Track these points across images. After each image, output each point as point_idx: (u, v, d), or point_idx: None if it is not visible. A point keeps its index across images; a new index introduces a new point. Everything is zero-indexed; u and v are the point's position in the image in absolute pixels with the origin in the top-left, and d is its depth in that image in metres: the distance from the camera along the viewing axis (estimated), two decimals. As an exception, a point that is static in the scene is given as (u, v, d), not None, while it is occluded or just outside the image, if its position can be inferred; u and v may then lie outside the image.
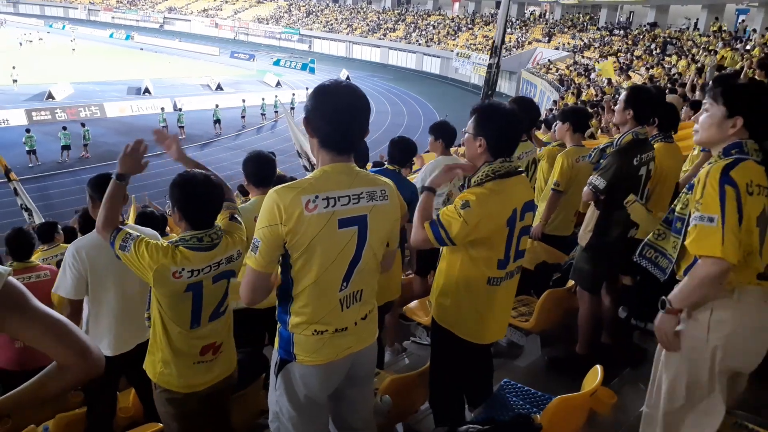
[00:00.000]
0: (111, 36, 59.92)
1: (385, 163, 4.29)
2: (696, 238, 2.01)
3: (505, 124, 2.48)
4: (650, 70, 22.06)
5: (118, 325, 3.02)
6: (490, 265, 2.50)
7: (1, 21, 64.44)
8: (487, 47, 37.42)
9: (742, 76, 9.39)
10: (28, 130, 19.30)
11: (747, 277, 2.06)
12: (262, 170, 3.39)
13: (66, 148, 19.64)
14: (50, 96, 28.58)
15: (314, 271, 1.94)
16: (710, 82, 3.14)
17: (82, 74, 35.72)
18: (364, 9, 59.54)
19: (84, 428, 3.19)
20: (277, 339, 2.13)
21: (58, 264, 3.45)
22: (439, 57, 46.48)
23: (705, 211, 1.99)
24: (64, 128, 20.04)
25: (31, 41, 51.13)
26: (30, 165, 18.74)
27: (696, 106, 7.33)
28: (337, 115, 1.92)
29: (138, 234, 2.44)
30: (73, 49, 47.88)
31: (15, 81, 30.64)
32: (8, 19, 66.30)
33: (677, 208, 2.22)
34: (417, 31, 50.86)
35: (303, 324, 2.02)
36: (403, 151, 4.21)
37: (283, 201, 1.86)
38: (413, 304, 4.48)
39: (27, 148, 18.74)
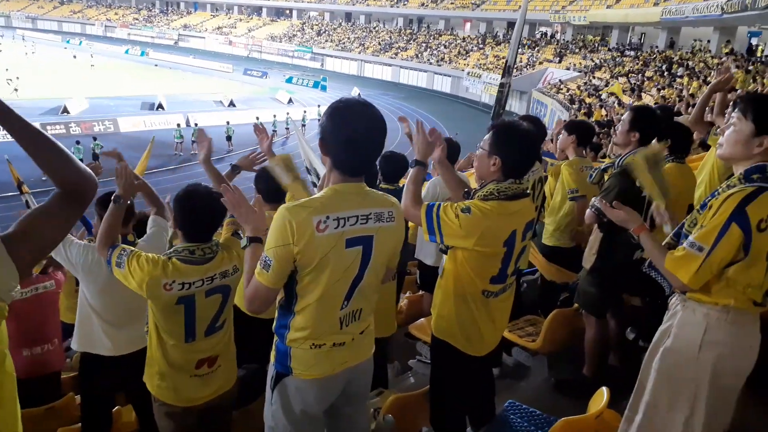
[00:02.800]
0: (126, 52, 60.74)
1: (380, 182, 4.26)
2: (677, 259, 2.10)
3: (523, 146, 2.44)
4: (661, 91, 22.04)
5: (116, 329, 3.00)
6: (483, 278, 2.49)
7: (20, 36, 65.63)
8: (498, 67, 37.70)
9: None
10: (42, 144, 19.53)
11: (743, 303, 2.07)
12: (274, 186, 3.40)
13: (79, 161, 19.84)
14: (65, 110, 28.95)
15: (319, 288, 1.94)
16: (739, 97, 3.11)
17: (97, 89, 36.21)
18: (376, 28, 60.10)
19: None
20: (273, 353, 2.11)
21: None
22: (449, 76, 46.68)
23: (699, 239, 2.03)
24: (78, 142, 20.26)
25: (32, 53, 52.24)
26: (43, 178, 18.87)
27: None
28: (353, 139, 1.90)
29: (132, 249, 2.45)
30: (92, 65, 48.66)
31: (16, 90, 31.13)
32: (27, 35, 67.46)
33: (686, 225, 2.21)
34: (428, 50, 51.22)
35: (301, 339, 2.01)
36: (395, 165, 4.21)
37: (295, 220, 1.85)
38: (419, 322, 4.46)
39: (40, 161, 18.96)
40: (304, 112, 30.96)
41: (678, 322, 2.20)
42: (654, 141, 3.90)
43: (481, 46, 47.88)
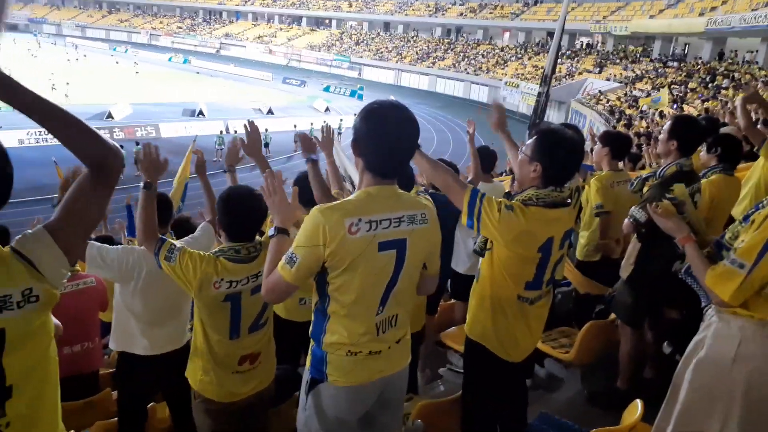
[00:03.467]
0: (170, 60, 62.31)
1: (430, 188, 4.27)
2: (717, 275, 2.07)
3: (566, 154, 2.38)
4: (705, 103, 21.50)
5: (154, 328, 3.03)
6: (518, 283, 2.47)
7: (71, 44, 67.91)
8: (536, 77, 37.31)
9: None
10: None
11: None
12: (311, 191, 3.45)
13: (122, 165, 20.42)
14: (110, 116, 29.80)
15: (352, 292, 1.95)
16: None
17: (141, 95, 37.22)
18: (414, 38, 60.29)
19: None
20: (309, 357, 2.12)
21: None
22: (487, 85, 46.39)
23: (741, 256, 2.00)
24: (121, 146, 20.83)
25: (76, 59, 53.99)
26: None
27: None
28: (386, 142, 1.91)
29: (182, 245, 2.51)
30: (137, 72, 50.06)
31: (66, 96, 32.31)
32: (79, 43, 69.75)
33: (727, 236, 2.18)
34: (466, 60, 51.10)
35: (337, 344, 2.01)
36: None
37: (327, 222, 1.86)
38: (451, 330, 4.43)
39: (85, 164, 19.62)
40: (341, 120, 31.25)
41: (712, 334, 2.16)
42: (703, 152, 3.83)
43: (519, 55, 47.54)
